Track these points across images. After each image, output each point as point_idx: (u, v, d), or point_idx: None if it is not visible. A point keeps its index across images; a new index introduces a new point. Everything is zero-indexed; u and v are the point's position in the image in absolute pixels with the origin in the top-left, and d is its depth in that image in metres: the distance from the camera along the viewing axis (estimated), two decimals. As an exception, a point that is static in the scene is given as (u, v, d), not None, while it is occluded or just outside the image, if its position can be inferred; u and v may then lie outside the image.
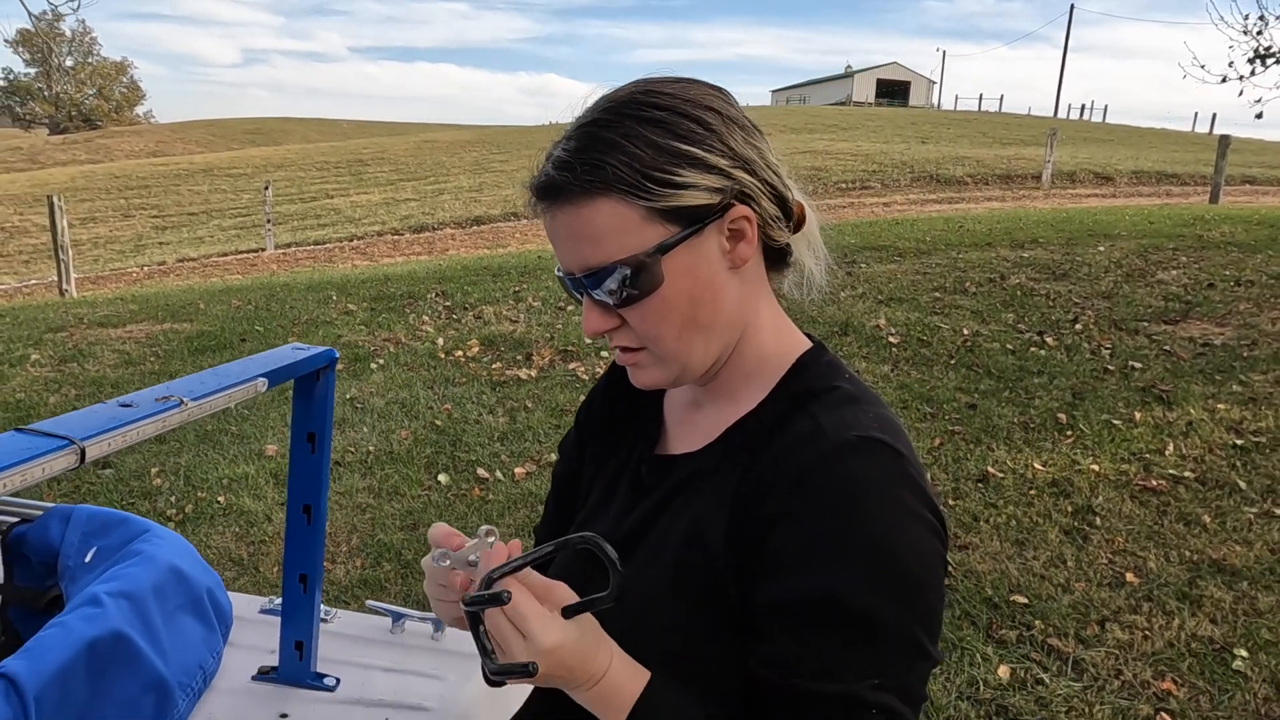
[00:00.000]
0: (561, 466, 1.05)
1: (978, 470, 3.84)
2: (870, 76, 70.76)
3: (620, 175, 0.74)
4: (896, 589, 0.70)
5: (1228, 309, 5.73)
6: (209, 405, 0.87)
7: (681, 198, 0.75)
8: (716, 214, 0.77)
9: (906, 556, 0.71)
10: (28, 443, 0.68)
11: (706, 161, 0.76)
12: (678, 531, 0.81)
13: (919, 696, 0.73)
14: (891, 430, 0.76)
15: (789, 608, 0.71)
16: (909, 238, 8.62)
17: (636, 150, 0.74)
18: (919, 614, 0.72)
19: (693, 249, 0.77)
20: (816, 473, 0.72)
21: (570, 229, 0.76)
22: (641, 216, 0.74)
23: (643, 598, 0.79)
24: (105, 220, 20.68)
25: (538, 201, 0.78)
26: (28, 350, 6.22)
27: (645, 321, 0.78)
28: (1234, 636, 2.73)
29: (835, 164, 20.86)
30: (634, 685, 0.72)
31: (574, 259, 0.78)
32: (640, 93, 0.78)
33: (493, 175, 23.17)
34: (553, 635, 0.68)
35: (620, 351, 0.83)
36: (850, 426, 0.74)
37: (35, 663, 0.94)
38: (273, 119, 65.04)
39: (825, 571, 0.70)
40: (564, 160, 0.76)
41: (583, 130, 0.77)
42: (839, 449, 0.72)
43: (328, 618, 1.43)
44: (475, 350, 5.72)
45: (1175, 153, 25.03)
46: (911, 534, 0.72)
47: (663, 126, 0.75)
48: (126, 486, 3.98)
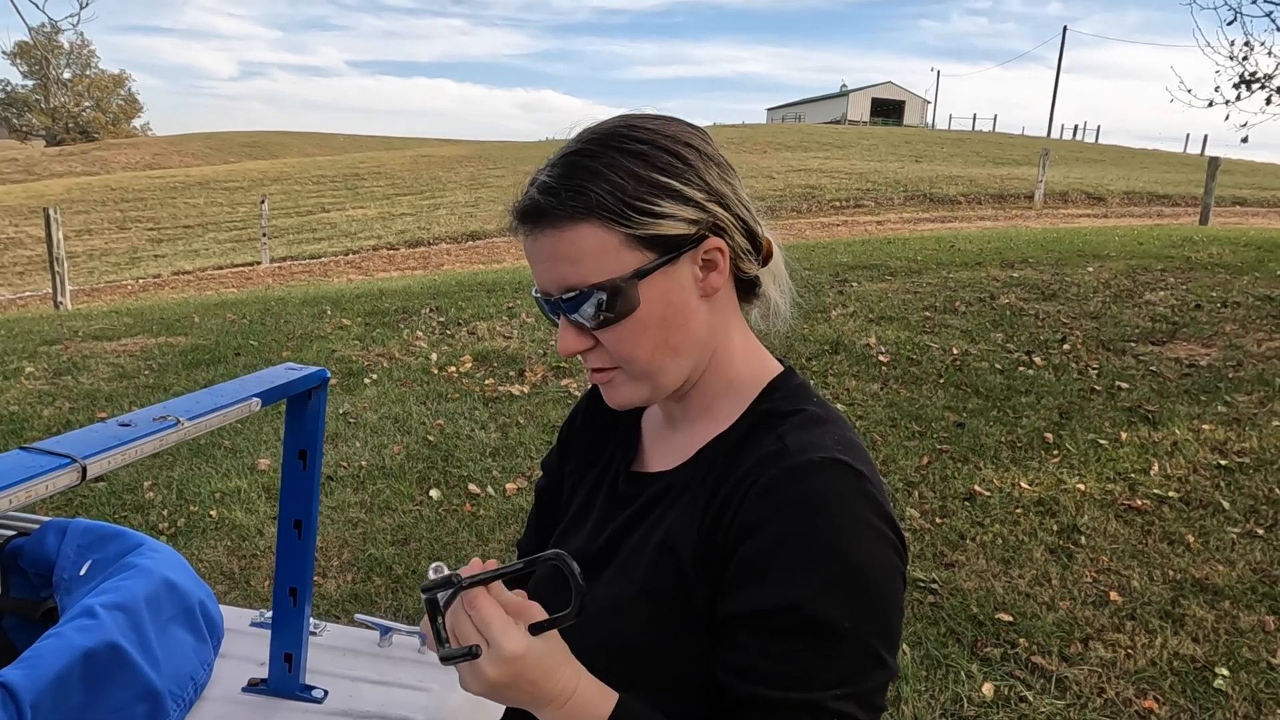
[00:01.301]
0: (544, 482, 1.08)
1: (965, 489, 3.87)
2: (865, 95, 71.24)
3: (603, 202, 0.77)
4: (857, 600, 0.74)
5: (1214, 330, 5.79)
6: (204, 425, 0.91)
7: (660, 226, 0.79)
8: (691, 244, 0.81)
9: (866, 569, 0.74)
10: (31, 460, 0.71)
11: (684, 194, 0.80)
12: (651, 544, 0.84)
13: (879, 706, 0.76)
14: (853, 451, 0.79)
15: (753, 617, 0.74)
16: (901, 256, 8.69)
17: (619, 179, 0.78)
18: (879, 625, 0.75)
19: (668, 276, 0.81)
20: (781, 488, 0.75)
21: (551, 251, 0.80)
22: (620, 242, 0.78)
23: (613, 608, 0.82)
24: (101, 232, 20.70)
25: (520, 225, 0.82)
26: (22, 363, 6.23)
27: (620, 343, 0.82)
28: (1215, 655, 2.76)
29: (829, 182, 21.00)
30: (604, 705, 0.74)
31: (553, 280, 0.81)
32: (623, 126, 0.82)
33: (489, 191, 23.26)
34: (515, 643, 0.70)
35: (593, 372, 0.86)
36: (814, 447, 0.78)
37: (32, 671, 0.97)
38: (270, 132, 65.21)
39: (788, 582, 0.73)
40: (549, 186, 0.79)
41: (567, 159, 0.81)
42: (803, 467, 0.76)
43: (317, 631, 1.45)
44: (468, 366, 5.75)
45: (1167, 174, 25.24)
46: (871, 547, 0.75)
47: (644, 159, 0.79)
48: (119, 500, 4.00)
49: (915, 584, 3.18)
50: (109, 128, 66.96)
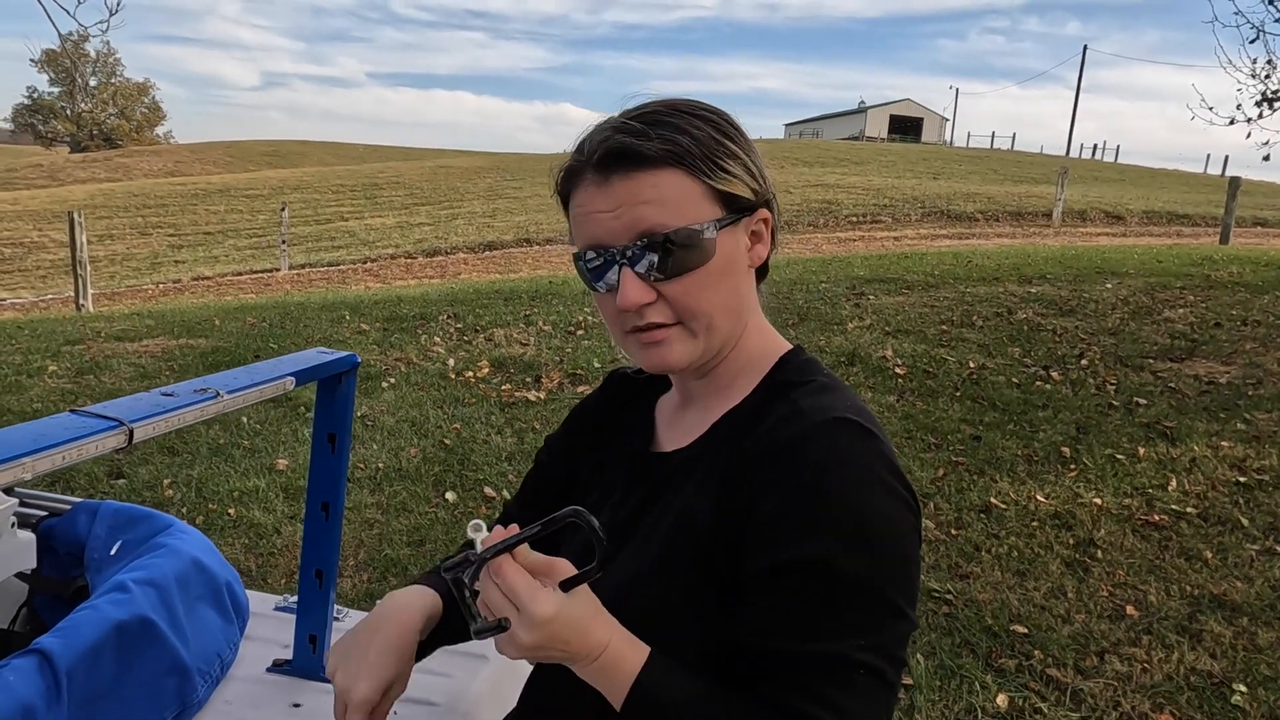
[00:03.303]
0: (545, 455, 1.11)
1: (981, 501, 3.86)
2: (884, 112, 71.32)
3: (691, 151, 0.81)
4: (874, 553, 0.75)
5: (1234, 348, 5.76)
6: (242, 399, 0.93)
7: (734, 184, 0.83)
8: (749, 211, 0.85)
9: (881, 523, 0.76)
10: (81, 422, 0.74)
11: (746, 163, 0.84)
12: (669, 518, 0.85)
13: (900, 659, 0.77)
14: (864, 415, 0.81)
15: (772, 574, 0.76)
16: (917, 271, 8.68)
17: (701, 134, 0.82)
18: (897, 578, 0.76)
19: (733, 235, 0.84)
20: (795, 448, 0.77)
21: (633, 194, 0.81)
22: (703, 192, 0.82)
23: (634, 582, 0.84)
24: (123, 237, 20.94)
25: (595, 170, 0.82)
26: (45, 362, 6.31)
27: (688, 294, 0.82)
28: (1233, 671, 2.74)
29: (846, 197, 21.01)
30: (635, 659, 0.76)
31: (629, 225, 0.81)
32: (683, 99, 0.86)
33: (506, 202, 23.39)
34: (545, 607, 0.70)
35: (644, 330, 0.85)
36: (827, 409, 0.80)
37: (68, 640, 1.00)
38: (290, 141, 65.83)
39: (805, 538, 0.74)
40: (638, 129, 0.81)
41: (645, 114, 0.83)
42: (816, 427, 0.78)
43: (340, 616, 1.47)
44: (485, 371, 5.79)
45: (1186, 194, 25.12)
46: (885, 503, 0.76)
47: (715, 125, 0.84)
48: (139, 496, 4.04)
49: (930, 594, 3.17)
50: (132, 135, 67.76)
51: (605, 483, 0.99)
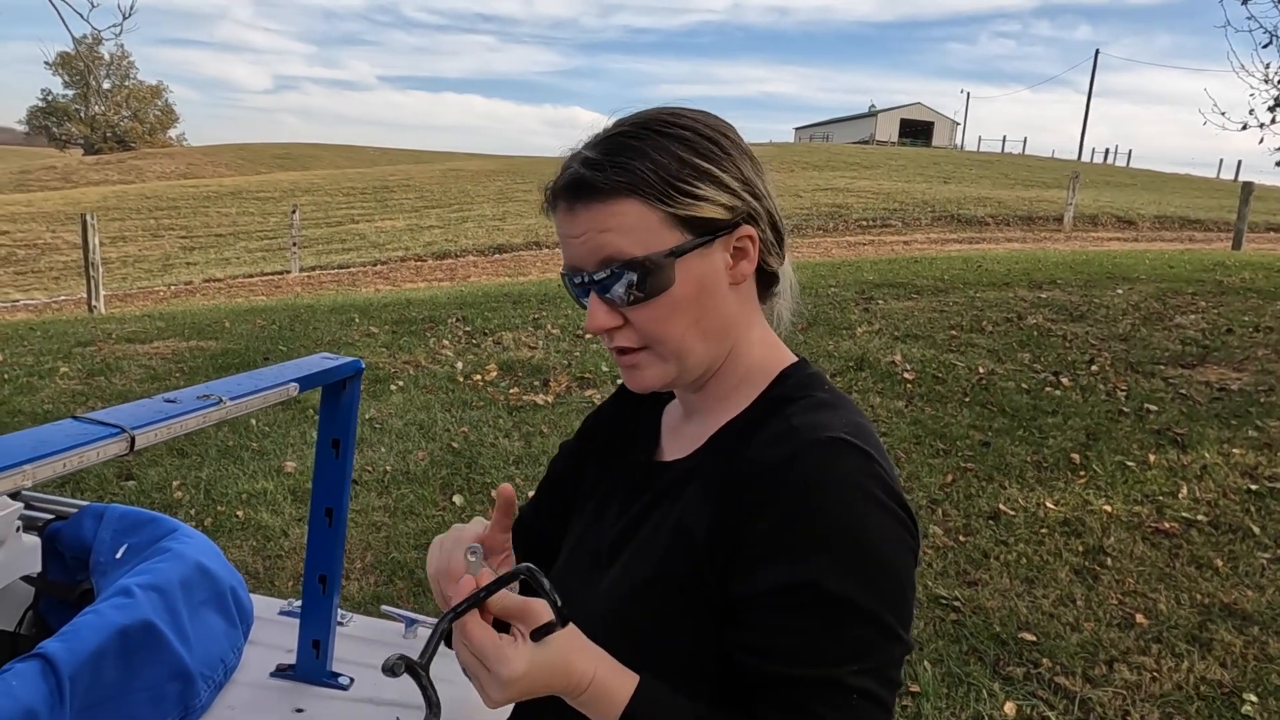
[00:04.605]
0: (559, 463, 1.12)
1: (989, 507, 3.84)
2: (894, 116, 71.13)
3: (647, 179, 0.80)
4: (869, 575, 0.74)
5: (1246, 354, 5.72)
6: (245, 405, 0.93)
7: (699, 208, 0.81)
8: (726, 230, 0.83)
9: (877, 545, 0.75)
10: (83, 429, 0.74)
11: (722, 180, 0.83)
12: (665, 530, 0.85)
13: (895, 681, 0.76)
14: (861, 434, 0.80)
15: (766, 596, 0.75)
16: (927, 275, 8.65)
17: (662, 159, 0.81)
18: (892, 600, 0.75)
19: (702, 258, 0.83)
20: (787, 467, 0.76)
21: (592, 224, 0.81)
22: (661, 220, 0.81)
23: (629, 594, 0.83)
24: (135, 239, 21.05)
25: (560, 200, 0.84)
26: (57, 363, 6.35)
27: (652, 321, 0.83)
28: (1244, 681, 2.72)
29: (856, 201, 20.96)
30: (624, 688, 0.75)
31: (590, 253, 0.82)
32: (664, 113, 0.85)
33: (516, 205, 23.43)
34: (514, 667, 0.70)
35: (619, 354, 0.87)
36: (822, 428, 0.79)
37: (71, 645, 1.00)
38: (301, 144, 66.08)
39: (799, 560, 0.74)
40: (594, 161, 0.81)
41: (611, 138, 0.83)
42: (809, 446, 0.77)
43: (344, 621, 1.47)
44: (493, 375, 5.79)
45: (1199, 199, 24.97)
46: (879, 524, 0.76)
47: (686, 144, 0.82)
48: (148, 499, 4.06)
49: (937, 601, 3.16)
50: (145, 138, 68.11)
51: (606, 491, 0.99)
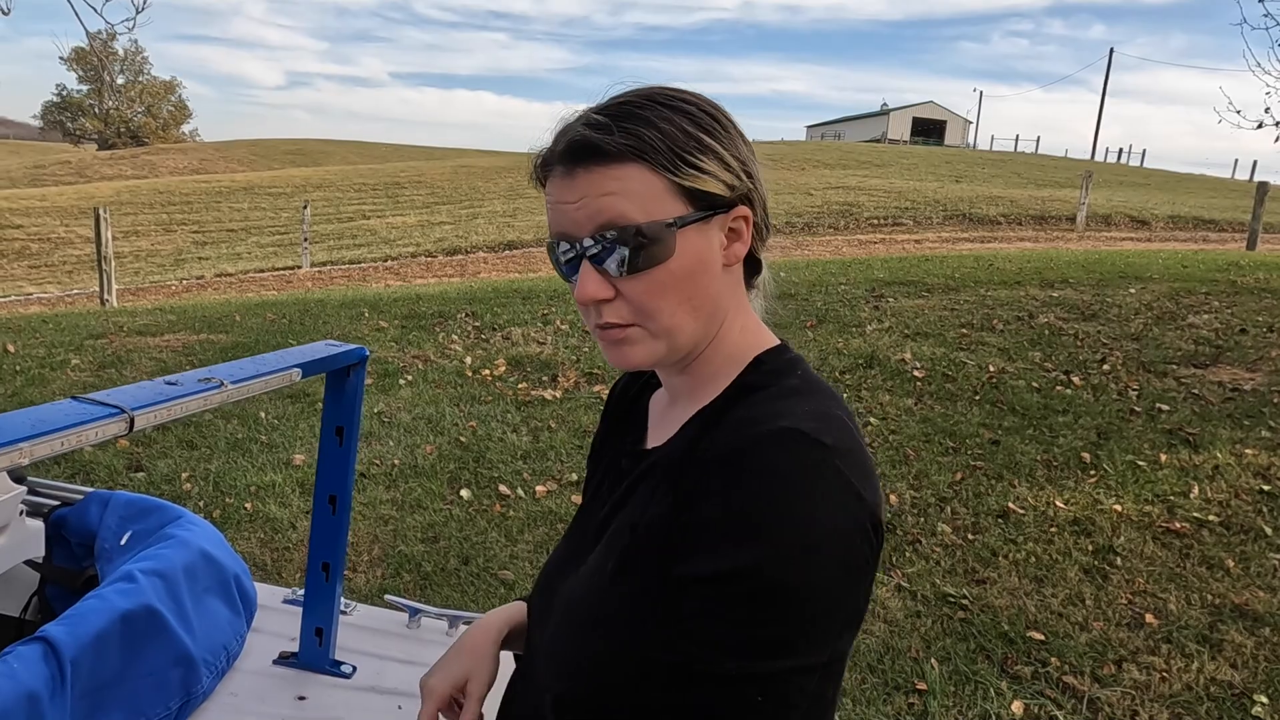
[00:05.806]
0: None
1: (999, 506, 3.82)
2: (906, 115, 70.86)
3: (655, 145, 0.78)
4: (802, 569, 0.71)
5: (1259, 355, 5.67)
6: (247, 389, 0.93)
7: (703, 181, 0.80)
8: (724, 208, 0.82)
9: (817, 539, 0.71)
10: (82, 409, 0.74)
11: (724, 158, 0.81)
12: (629, 520, 0.83)
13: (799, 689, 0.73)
14: (826, 423, 0.76)
15: (693, 584, 0.73)
16: (938, 274, 8.62)
17: (669, 129, 0.79)
18: (824, 596, 0.72)
19: (700, 233, 0.81)
20: (737, 457, 0.73)
21: (593, 188, 0.79)
22: (665, 188, 0.79)
23: (595, 584, 0.82)
24: (147, 234, 21.15)
25: (560, 162, 0.81)
26: (69, 355, 6.38)
27: (645, 293, 0.80)
28: (1255, 682, 2.70)
29: (868, 199, 20.88)
30: None
31: (589, 218, 0.79)
32: (664, 88, 0.84)
33: (526, 201, 23.42)
34: None
35: (604, 329, 0.83)
36: (780, 417, 0.76)
37: (74, 629, 1.00)
38: (313, 140, 66.25)
39: (725, 551, 0.71)
40: (601, 123, 0.79)
41: (616, 106, 0.81)
42: (759, 437, 0.74)
43: (347, 610, 1.47)
44: (502, 370, 5.79)
45: (1213, 199, 24.79)
46: (823, 519, 0.72)
47: (690, 117, 0.81)
48: (157, 490, 4.07)
49: (946, 599, 3.14)
50: (159, 133, 68.45)
51: (601, 475, 0.99)
